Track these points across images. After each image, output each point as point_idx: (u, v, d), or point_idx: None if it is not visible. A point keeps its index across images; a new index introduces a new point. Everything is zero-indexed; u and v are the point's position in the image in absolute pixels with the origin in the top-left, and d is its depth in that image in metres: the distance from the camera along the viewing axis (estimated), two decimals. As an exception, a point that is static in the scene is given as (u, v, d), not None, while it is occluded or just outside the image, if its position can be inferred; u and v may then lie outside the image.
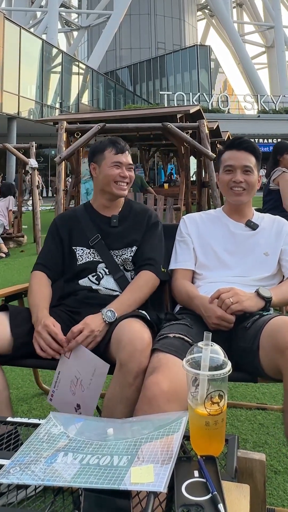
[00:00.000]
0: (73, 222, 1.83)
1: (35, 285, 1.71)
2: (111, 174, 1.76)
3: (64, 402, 1.45)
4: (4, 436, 1.02)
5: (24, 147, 8.20)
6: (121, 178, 1.76)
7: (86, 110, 25.90)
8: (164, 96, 32.02)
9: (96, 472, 0.80)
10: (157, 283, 1.72)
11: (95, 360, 1.41)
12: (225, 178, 1.73)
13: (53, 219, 1.91)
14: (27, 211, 10.93)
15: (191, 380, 0.88)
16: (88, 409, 1.41)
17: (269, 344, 1.31)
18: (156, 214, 1.89)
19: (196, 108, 8.69)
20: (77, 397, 1.42)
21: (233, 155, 1.72)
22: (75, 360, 1.45)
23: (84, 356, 1.44)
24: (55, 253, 1.79)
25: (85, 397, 1.41)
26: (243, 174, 1.70)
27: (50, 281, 1.75)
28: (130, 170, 1.80)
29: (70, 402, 1.43)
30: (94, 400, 1.41)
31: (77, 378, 1.42)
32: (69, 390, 1.43)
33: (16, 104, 19.40)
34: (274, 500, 1.56)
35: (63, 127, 6.07)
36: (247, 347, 1.39)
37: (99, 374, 1.40)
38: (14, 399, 2.33)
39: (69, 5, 46.96)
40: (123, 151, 1.78)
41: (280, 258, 1.71)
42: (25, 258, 6.90)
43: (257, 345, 1.36)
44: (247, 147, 1.71)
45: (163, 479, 0.75)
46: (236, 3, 52.56)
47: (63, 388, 1.45)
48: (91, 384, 1.40)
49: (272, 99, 32.58)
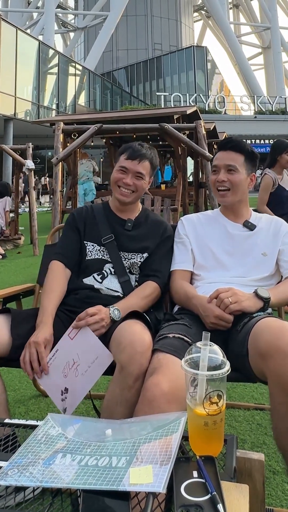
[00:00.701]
0: (89, 218, 1.84)
1: (50, 282, 1.70)
2: (114, 177, 1.78)
3: (52, 382, 1.41)
4: (1, 438, 1.01)
5: (20, 148, 8.19)
6: (123, 184, 1.76)
7: (82, 111, 25.85)
8: (161, 97, 32.04)
9: (94, 473, 0.79)
10: (160, 296, 1.75)
11: (101, 349, 1.38)
12: (212, 178, 1.77)
13: (71, 213, 1.93)
14: (23, 212, 10.92)
15: (190, 380, 0.88)
16: (75, 396, 1.37)
17: (253, 349, 1.31)
18: (170, 228, 1.89)
19: (193, 109, 8.71)
20: (68, 381, 1.38)
21: (219, 156, 1.74)
22: (79, 342, 1.42)
23: (89, 341, 1.41)
24: (74, 242, 1.80)
25: (77, 383, 1.37)
26: (227, 173, 1.70)
27: (68, 271, 1.75)
28: (138, 179, 1.76)
29: (58, 384, 1.39)
30: (85, 390, 1.37)
31: (74, 361, 1.39)
32: (61, 371, 1.40)
33: (13, 105, 19.35)
34: (273, 500, 1.56)
35: (60, 128, 6.07)
36: (238, 350, 1.39)
37: (99, 363, 1.37)
38: (11, 401, 2.32)
39: (66, 6, 46.96)
40: (134, 158, 1.75)
41: (278, 258, 1.71)
42: (22, 259, 6.89)
43: (246, 349, 1.35)
44: (232, 146, 1.72)
45: (162, 480, 0.75)
46: (233, 4, 52.70)
47: (56, 368, 1.41)
48: (87, 371, 1.36)
49: (269, 100, 32.66)
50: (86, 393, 1.38)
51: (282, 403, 1.21)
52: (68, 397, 1.37)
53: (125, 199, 1.78)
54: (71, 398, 1.37)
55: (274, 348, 1.21)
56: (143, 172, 1.76)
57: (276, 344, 1.21)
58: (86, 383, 1.37)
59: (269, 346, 1.23)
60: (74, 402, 1.37)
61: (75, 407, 1.37)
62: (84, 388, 1.37)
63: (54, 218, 5.78)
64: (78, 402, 1.38)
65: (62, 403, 1.37)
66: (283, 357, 1.19)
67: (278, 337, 1.22)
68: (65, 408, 1.37)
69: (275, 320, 1.36)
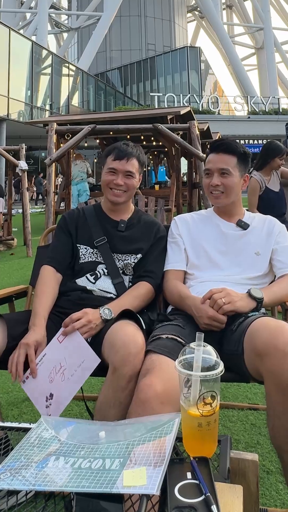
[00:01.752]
0: (81, 221, 1.84)
1: (41, 285, 1.70)
2: (105, 179, 1.78)
3: (37, 389, 1.38)
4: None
5: (13, 149, 8.15)
6: (114, 185, 1.76)
7: (76, 111, 25.80)
8: (155, 98, 32.06)
9: (88, 476, 0.79)
10: (153, 296, 1.74)
11: (88, 352, 1.37)
12: (205, 181, 1.76)
13: (62, 215, 1.93)
14: (17, 213, 10.87)
15: (184, 381, 0.88)
16: (60, 401, 1.34)
17: (249, 348, 1.31)
18: (163, 228, 1.89)
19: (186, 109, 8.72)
20: (53, 386, 1.36)
21: (212, 158, 1.74)
22: (67, 346, 1.41)
23: (78, 345, 1.40)
24: (65, 246, 1.80)
25: (63, 388, 1.34)
26: (220, 177, 1.70)
27: (59, 275, 1.75)
28: (128, 178, 1.76)
29: (44, 390, 1.36)
30: (71, 394, 1.35)
31: (61, 365, 1.37)
32: (48, 376, 1.37)
33: (6, 106, 19.28)
34: (267, 500, 1.56)
35: (53, 128, 6.05)
36: (233, 350, 1.39)
37: (86, 367, 1.35)
38: (4, 403, 2.31)
39: (59, 7, 46.85)
40: (121, 157, 1.75)
41: (271, 257, 1.71)
42: (15, 261, 6.86)
43: (241, 349, 1.35)
44: (225, 149, 1.71)
45: (156, 482, 0.75)
46: (226, 4, 52.89)
47: (42, 373, 1.39)
48: (73, 376, 1.35)
49: (262, 100, 32.79)
50: (70, 398, 1.35)
51: (278, 402, 1.21)
52: (52, 403, 1.34)
53: (118, 199, 1.78)
54: (56, 405, 1.34)
55: (272, 347, 1.21)
56: (132, 171, 1.76)
57: (273, 343, 1.21)
58: (71, 388, 1.35)
59: (266, 345, 1.23)
60: (58, 408, 1.34)
61: (59, 413, 1.34)
62: (69, 394, 1.35)
63: (47, 219, 5.77)
64: (63, 408, 1.34)
65: (47, 409, 1.34)
66: (280, 356, 1.19)
67: (275, 336, 1.23)
68: (49, 415, 1.33)
69: (272, 319, 1.36)
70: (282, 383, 1.19)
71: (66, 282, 1.76)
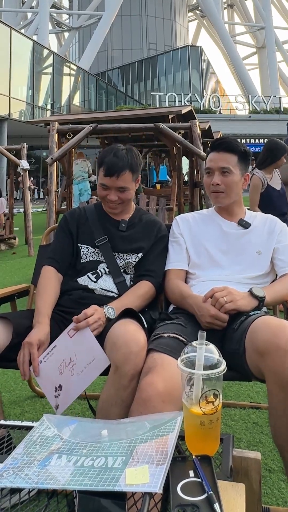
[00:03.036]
0: (82, 220, 1.84)
1: (43, 285, 1.71)
2: (99, 194, 1.78)
3: (46, 377, 1.40)
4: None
5: (15, 149, 8.16)
6: (108, 200, 1.75)
7: (77, 111, 25.81)
8: (156, 97, 32.03)
9: (90, 474, 0.79)
10: (154, 295, 1.74)
11: (98, 352, 1.37)
12: (206, 180, 1.76)
13: (63, 215, 1.92)
14: (18, 213, 10.88)
15: (186, 380, 0.88)
16: (69, 395, 1.36)
17: (251, 347, 1.31)
18: (165, 227, 1.89)
19: (187, 108, 8.71)
20: (63, 378, 1.37)
21: (212, 157, 1.73)
22: (77, 342, 1.41)
23: (88, 343, 1.40)
24: (66, 246, 1.80)
25: (72, 382, 1.36)
26: (221, 175, 1.70)
27: (60, 275, 1.75)
28: (122, 192, 1.73)
29: (53, 380, 1.38)
30: (79, 390, 1.36)
31: (71, 359, 1.38)
32: (57, 367, 1.39)
33: (7, 105, 19.29)
34: (269, 499, 1.56)
35: (54, 128, 6.04)
36: (235, 348, 1.39)
37: (95, 366, 1.36)
38: (6, 402, 2.32)
39: (60, 6, 46.86)
40: (111, 174, 1.69)
41: (273, 256, 1.71)
42: (16, 260, 6.87)
43: (243, 347, 1.35)
44: (225, 147, 1.71)
45: (158, 480, 0.75)
46: (227, 4, 52.79)
47: (52, 364, 1.41)
48: (83, 372, 1.36)
49: (263, 100, 32.74)
50: (79, 393, 1.38)
51: (280, 401, 1.21)
52: (61, 394, 1.37)
53: (114, 211, 1.80)
54: (64, 396, 1.36)
55: (273, 345, 1.21)
56: (124, 185, 1.73)
57: (275, 342, 1.21)
58: (80, 384, 1.36)
59: (267, 343, 1.23)
60: (67, 401, 1.36)
61: (67, 405, 1.36)
62: (78, 388, 1.36)
63: (49, 218, 5.76)
64: (71, 401, 1.37)
65: (55, 399, 1.37)
66: (281, 355, 1.19)
67: (277, 335, 1.22)
68: (57, 405, 1.37)
69: (273, 318, 1.36)
70: (284, 381, 1.19)
71: (68, 281, 1.76)
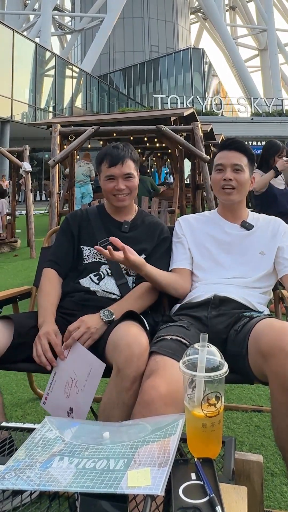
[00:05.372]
0: (84, 221, 1.84)
1: (45, 286, 1.72)
2: (106, 188, 1.78)
3: (57, 406, 1.42)
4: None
5: (17, 151, 8.18)
6: (117, 191, 1.76)
7: (79, 113, 25.84)
8: (158, 99, 32.03)
9: (92, 476, 0.79)
10: (157, 297, 1.74)
11: (92, 359, 1.39)
12: (216, 177, 1.75)
13: (65, 217, 1.93)
14: (20, 215, 10.89)
15: (188, 382, 0.88)
16: (81, 413, 1.38)
17: (254, 349, 1.31)
18: (167, 229, 1.90)
19: (190, 110, 8.69)
20: (71, 400, 1.40)
21: (224, 155, 1.74)
22: (72, 359, 1.43)
23: (81, 355, 1.42)
24: (66, 249, 1.81)
25: (79, 400, 1.38)
26: (233, 172, 1.71)
27: (60, 278, 1.76)
28: (128, 180, 1.76)
29: (63, 405, 1.40)
30: (88, 403, 1.38)
31: (72, 379, 1.40)
32: (63, 392, 1.41)
33: (9, 108, 19.36)
34: (271, 502, 1.55)
35: (57, 130, 6.05)
36: (237, 351, 1.39)
37: (94, 374, 1.37)
38: (8, 404, 2.31)
39: (63, 8, 46.99)
40: (116, 163, 1.74)
41: (277, 255, 1.71)
42: (18, 262, 6.87)
43: (246, 349, 1.35)
44: (237, 147, 1.73)
45: (160, 482, 0.75)
46: (229, 6, 52.83)
47: (58, 390, 1.43)
48: (85, 386, 1.38)
49: (266, 102, 32.71)
50: (89, 406, 1.39)
51: (282, 403, 1.21)
52: (74, 416, 1.39)
53: (124, 203, 1.79)
54: (78, 415, 1.39)
55: (277, 348, 1.21)
56: (130, 172, 1.76)
57: (278, 344, 1.21)
58: (87, 397, 1.38)
59: (271, 346, 1.23)
60: (81, 417, 1.38)
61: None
62: (86, 403, 1.38)
63: (51, 220, 5.77)
64: (84, 417, 1.39)
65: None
66: (284, 357, 1.19)
67: (280, 338, 1.23)
68: None
69: (276, 320, 1.36)
70: (287, 384, 1.18)
71: (70, 282, 1.76)
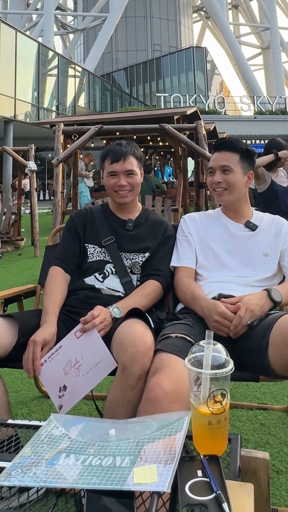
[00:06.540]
0: (88, 220, 1.85)
1: (49, 285, 1.72)
2: (108, 184, 1.79)
3: (51, 377, 1.40)
4: (4, 439, 1.01)
5: (22, 150, 8.19)
6: (118, 187, 1.76)
7: (82, 112, 25.84)
8: (161, 98, 32.02)
9: (98, 473, 0.79)
10: (161, 295, 1.74)
11: (105, 354, 1.38)
12: (209, 179, 1.78)
13: (70, 216, 1.94)
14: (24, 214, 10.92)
15: (193, 379, 0.88)
16: (74, 396, 1.36)
17: (281, 341, 1.31)
18: (171, 227, 1.90)
19: (193, 109, 8.69)
20: (67, 379, 1.37)
21: (214, 157, 1.76)
22: (84, 343, 1.41)
23: (95, 344, 1.40)
24: (72, 247, 1.81)
25: (77, 383, 1.36)
26: (222, 174, 1.72)
27: (67, 275, 1.76)
28: (130, 177, 1.77)
29: (57, 380, 1.38)
30: (83, 391, 1.36)
31: (77, 360, 1.39)
32: (62, 368, 1.39)
33: (13, 107, 19.37)
34: (277, 500, 1.55)
35: (60, 129, 6.06)
36: (254, 345, 1.38)
37: (102, 368, 1.36)
38: (13, 402, 2.32)
39: (65, 8, 47.00)
40: (118, 159, 1.75)
41: (280, 258, 1.71)
42: (22, 261, 6.89)
43: (266, 342, 1.35)
44: (226, 146, 1.73)
45: (167, 479, 0.75)
46: (232, 4, 52.73)
47: (57, 364, 1.41)
48: (89, 373, 1.36)
49: (269, 100, 32.62)
50: (84, 394, 1.38)
51: None
52: (65, 395, 1.37)
53: (126, 199, 1.79)
54: (68, 397, 1.36)
55: None
56: (132, 169, 1.77)
57: None
58: (85, 385, 1.36)
59: None
60: (71, 402, 1.36)
61: (71, 406, 1.36)
62: (83, 390, 1.37)
63: (55, 219, 5.78)
64: (74, 402, 1.37)
65: (59, 400, 1.37)
66: None
67: None
68: (61, 405, 1.37)
69: None
70: None
71: (75, 281, 1.77)
